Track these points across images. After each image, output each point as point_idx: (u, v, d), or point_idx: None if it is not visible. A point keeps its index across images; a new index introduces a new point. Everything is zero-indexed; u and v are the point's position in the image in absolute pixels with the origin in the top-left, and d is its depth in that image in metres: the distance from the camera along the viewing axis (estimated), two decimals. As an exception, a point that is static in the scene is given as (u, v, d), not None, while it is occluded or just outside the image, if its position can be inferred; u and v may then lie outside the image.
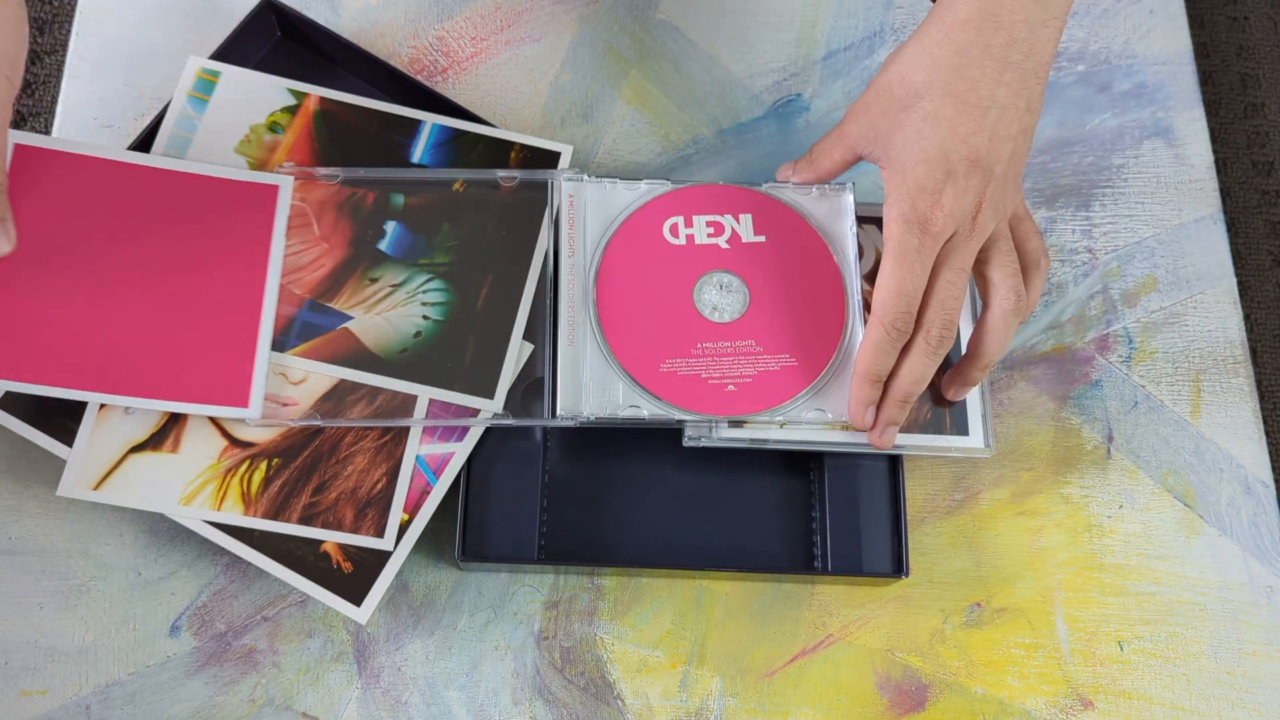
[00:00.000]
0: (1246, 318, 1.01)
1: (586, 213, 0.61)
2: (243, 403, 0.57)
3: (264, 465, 0.58)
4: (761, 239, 0.61)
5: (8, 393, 0.57)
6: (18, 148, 0.58)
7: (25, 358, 0.56)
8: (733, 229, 0.61)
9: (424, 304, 0.61)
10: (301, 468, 0.58)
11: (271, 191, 0.62)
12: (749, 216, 0.62)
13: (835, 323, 0.60)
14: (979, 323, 0.58)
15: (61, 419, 0.57)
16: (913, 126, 0.54)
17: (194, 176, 0.61)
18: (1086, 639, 0.62)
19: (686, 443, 0.59)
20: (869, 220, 0.64)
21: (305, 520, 0.57)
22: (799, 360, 0.59)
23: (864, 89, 0.73)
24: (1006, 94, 0.53)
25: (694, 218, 0.61)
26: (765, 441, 0.59)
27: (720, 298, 0.60)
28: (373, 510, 0.58)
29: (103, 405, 0.57)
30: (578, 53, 0.73)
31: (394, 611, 0.60)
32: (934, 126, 0.53)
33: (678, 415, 0.58)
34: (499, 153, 0.66)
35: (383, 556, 0.57)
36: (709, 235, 0.61)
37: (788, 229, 0.61)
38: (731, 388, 0.58)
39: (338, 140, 0.65)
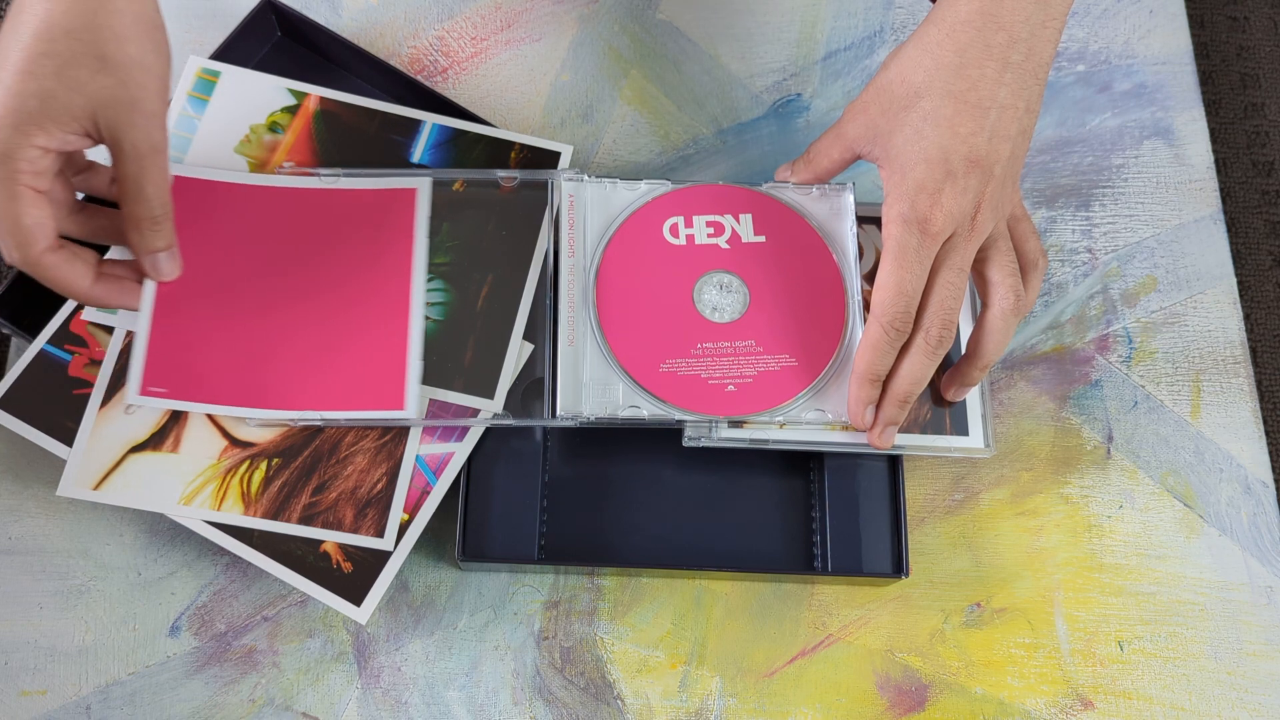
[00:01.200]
0: (1246, 318, 1.01)
1: (586, 213, 0.61)
2: (399, 405, 0.58)
3: (264, 465, 0.58)
4: (761, 239, 0.61)
5: (8, 392, 0.58)
6: (176, 179, 0.59)
7: (193, 380, 0.57)
8: (733, 229, 0.61)
9: (424, 304, 0.61)
10: (301, 468, 0.58)
11: (410, 195, 0.62)
12: (749, 216, 0.62)
13: (835, 322, 0.60)
14: (978, 322, 0.58)
15: (61, 419, 0.57)
16: (913, 126, 0.54)
17: (336, 191, 0.61)
18: (1086, 639, 0.62)
19: (686, 443, 0.59)
20: (868, 220, 0.64)
21: (305, 520, 0.57)
22: (799, 360, 0.59)
23: (863, 89, 0.74)
24: (1006, 94, 0.53)
25: (694, 218, 0.61)
26: (765, 441, 0.59)
27: (720, 298, 0.60)
28: (373, 510, 0.58)
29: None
30: (578, 53, 0.73)
31: (394, 611, 0.60)
32: (934, 126, 0.53)
33: (678, 415, 0.58)
34: (499, 153, 0.66)
35: (383, 556, 0.57)
36: (709, 235, 0.61)
37: (788, 229, 0.61)
38: (731, 388, 0.58)
39: (338, 140, 0.65)
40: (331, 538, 0.57)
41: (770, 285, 0.60)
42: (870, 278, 0.62)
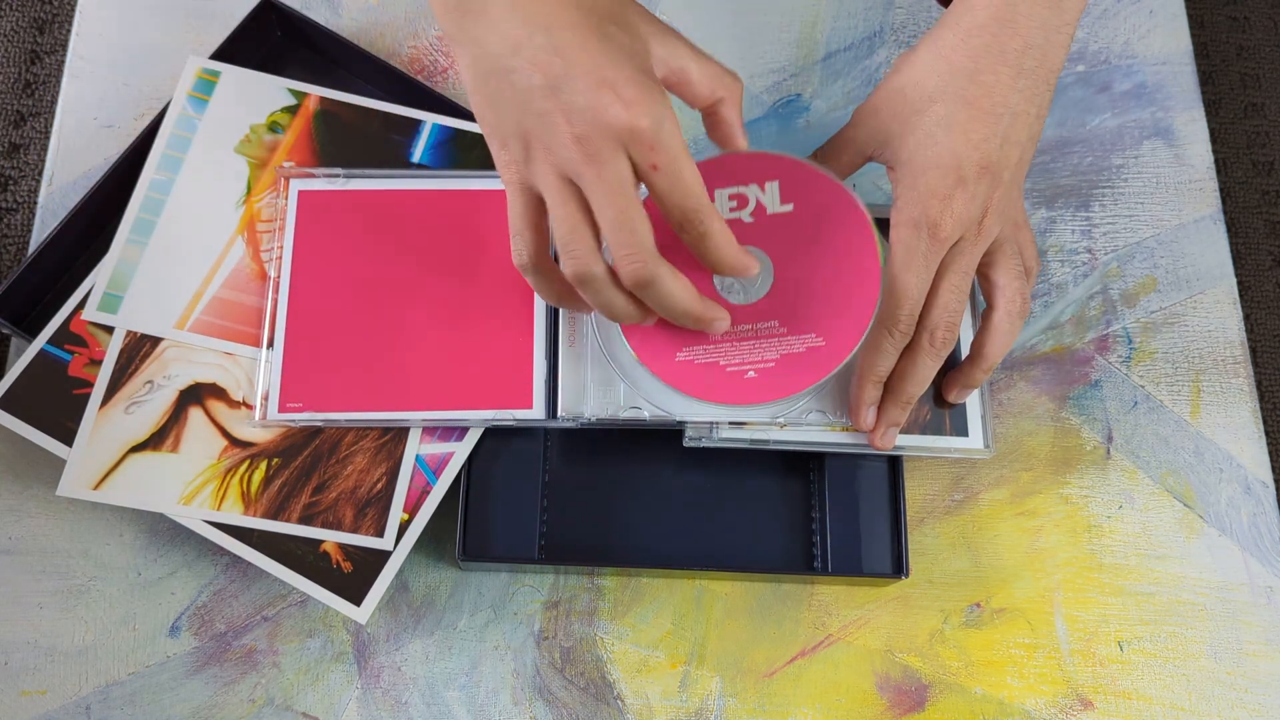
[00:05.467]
0: (1246, 318, 1.01)
1: None
2: (527, 404, 0.58)
3: (264, 465, 0.58)
4: (789, 208, 0.57)
5: (8, 392, 0.58)
6: (300, 193, 0.61)
7: (328, 391, 0.58)
8: (757, 200, 0.57)
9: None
10: (301, 467, 0.58)
11: None
12: (775, 184, 0.57)
13: (868, 297, 0.55)
14: (983, 325, 0.58)
15: (61, 419, 0.57)
16: (925, 131, 0.53)
17: (451, 193, 0.62)
18: (1086, 639, 0.62)
19: (687, 443, 0.59)
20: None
21: (305, 520, 0.57)
22: (826, 340, 0.56)
23: (865, 89, 0.73)
24: (1019, 100, 0.53)
25: (715, 191, 0.57)
26: (765, 442, 0.59)
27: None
28: (373, 510, 0.58)
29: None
30: (578, 53, 0.73)
31: (394, 611, 0.60)
32: (947, 132, 0.53)
33: (678, 416, 0.57)
34: (499, 153, 0.66)
35: (383, 556, 0.57)
36: (731, 210, 0.57)
37: (820, 195, 0.57)
38: (752, 374, 0.56)
39: (338, 140, 0.65)
40: (331, 537, 0.57)
41: (796, 258, 0.57)
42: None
